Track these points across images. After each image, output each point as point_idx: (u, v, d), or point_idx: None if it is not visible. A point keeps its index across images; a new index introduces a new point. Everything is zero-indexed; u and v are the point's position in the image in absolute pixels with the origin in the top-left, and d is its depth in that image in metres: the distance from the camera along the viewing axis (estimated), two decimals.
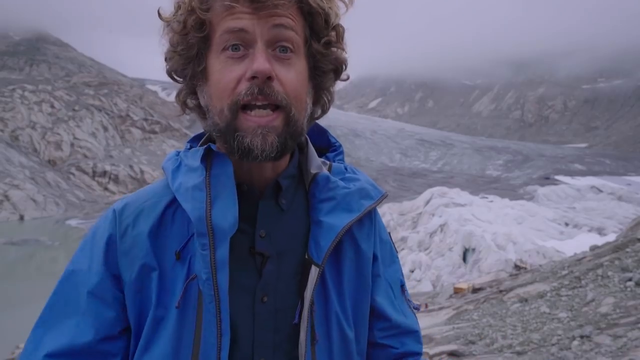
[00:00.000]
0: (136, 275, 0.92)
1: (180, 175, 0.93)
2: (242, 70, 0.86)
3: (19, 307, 30.49)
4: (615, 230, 38.49)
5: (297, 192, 1.01)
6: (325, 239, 0.96)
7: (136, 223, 0.94)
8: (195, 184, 0.90)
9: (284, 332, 0.95)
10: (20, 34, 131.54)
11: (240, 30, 0.86)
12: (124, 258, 0.93)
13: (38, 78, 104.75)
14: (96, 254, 0.94)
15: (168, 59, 0.94)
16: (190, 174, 0.92)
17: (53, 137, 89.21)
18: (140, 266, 0.92)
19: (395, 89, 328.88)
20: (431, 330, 13.90)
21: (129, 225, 0.94)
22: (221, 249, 0.87)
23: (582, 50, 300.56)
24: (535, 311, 11.78)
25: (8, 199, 69.60)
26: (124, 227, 0.94)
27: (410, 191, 78.50)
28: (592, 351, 8.35)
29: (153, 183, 1.02)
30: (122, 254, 0.93)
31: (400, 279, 1.13)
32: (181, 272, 0.91)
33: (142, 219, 0.94)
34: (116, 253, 0.93)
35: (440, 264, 40.15)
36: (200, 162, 0.91)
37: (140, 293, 0.92)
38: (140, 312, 0.93)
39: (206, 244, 0.87)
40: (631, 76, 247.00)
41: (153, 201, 0.96)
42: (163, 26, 0.92)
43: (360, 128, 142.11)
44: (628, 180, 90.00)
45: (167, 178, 0.97)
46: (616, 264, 12.28)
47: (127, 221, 0.95)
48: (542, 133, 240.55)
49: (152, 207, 0.95)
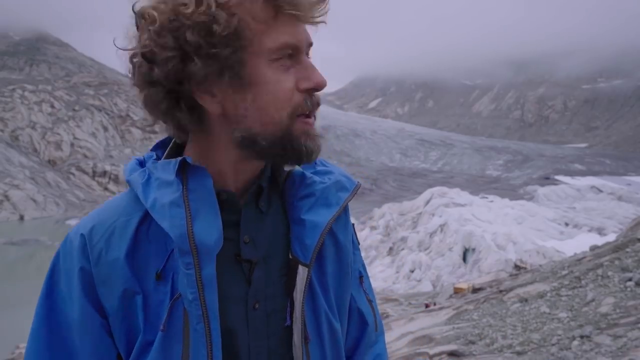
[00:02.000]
0: (118, 303, 0.86)
1: (153, 190, 0.86)
2: (294, 80, 0.85)
3: (19, 307, 30.49)
4: (615, 230, 38.50)
5: (272, 192, 0.98)
6: (310, 237, 0.94)
7: (109, 247, 0.87)
8: (172, 199, 0.85)
9: (276, 336, 0.93)
10: (20, 34, 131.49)
11: (299, 41, 0.85)
12: (102, 287, 0.86)
13: (38, 78, 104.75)
14: (72, 289, 0.87)
15: (167, 60, 0.82)
16: (165, 189, 0.86)
17: (53, 137, 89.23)
18: (121, 293, 0.86)
19: (395, 89, 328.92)
20: (431, 330, 13.90)
21: (102, 250, 0.87)
22: (207, 267, 0.85)
23: (582, 50, 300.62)
24: (535, 311, 11.78)
25: (8, 199, 69.62)
26: (97, 254, 0.86)
27: (410, 191, 78.55)
28: (592, 351, 8.36)
29: (114, 198, 0.94)
30: (100, 283, 0.86)
31: (360, 269, 1.11)
32: (165, 292, 0.86)
33: (115, 242, 0.87)
34: (93, 283, 0.86)
35: (440, 264, 40.16)
36: (176, 175, 0.86)
37: (126, 320, 0.87)
38: (128, 340, 0.88)
39: (190, 263, 0.83)
40: (631, 76, 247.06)
41: (123, 220, 0.88)
42: (164, 18, 0.81)
43: (360, 128, 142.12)
44: (628, 180, 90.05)
45: (135, 192, 0.89)
46: (616, 264, 12.28)
47: (98, 246, 0.87)
48: (542, 133, 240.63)
49: (124, 227, 0.88)
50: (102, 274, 0.86)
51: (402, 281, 40.21)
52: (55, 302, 0.89)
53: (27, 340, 0.91)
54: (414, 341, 13.50)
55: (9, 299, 34.11)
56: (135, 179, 0.89)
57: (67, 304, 0.88)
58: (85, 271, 0.86)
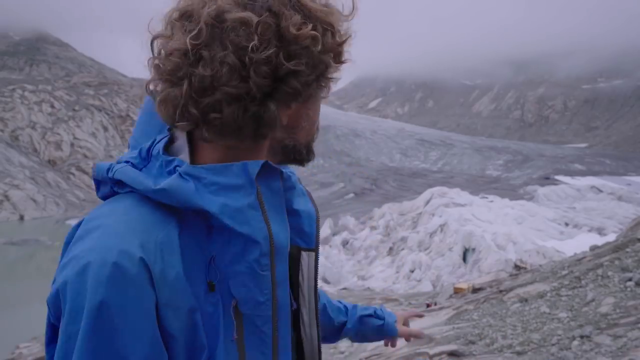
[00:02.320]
0: (184, 325, 0.82)
1: (210, 196, 0.83)
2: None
3: (19, 307, 30.51)
4: (615, 230, 38.50)
5: None
6: (308, 225, 1.03)
7: (167, 265, 0.81)
8: (248, 202, 0.85)
9: (288, 323, 0.98)
10: (20, 34, 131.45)
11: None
12: (168, 311, 0.80)
13: (38, 78, 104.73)
14: (137, 324, 0.76)
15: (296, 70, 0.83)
16: (232, 193, 0.85)
17: (53, 137, 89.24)
18: (187, 313, 0.82)
19: (395, 89, 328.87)
20: (431, 330, 13.91)
21: (163, 270, 0.80)
22: (281, 265, 0.88)
23: (582, 50, 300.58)
24: (535, 311, 11.78)
25: (8, 199, 69.61)
26: (159, 275, 0.79)
27: (410, 191, 78.51)
28: (592, 351, 8.36)
29: (118, 212, 0.84)
30: (166, 307, 0.80)
31: None
32: (214, 301, 0.85)
33: (168, 259, 0.81)
34: (159, 310, 0.79)
35: (440, 264, 40.17)
36: (249, 178, 0.86)
37: (189, 341, 0.83)
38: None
39: (267, 265, 0.85)
40: (631, 76, 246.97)
41: (162, 233, 0.82)
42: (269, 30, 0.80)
43: (360, 128, 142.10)
44: (628, 180, 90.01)
45: (182, 199, 0.83)
46: (616, 264, 12.28)
47: (158, 267, 0.79)
48: (542, 133, 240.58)
49: (168, 241, 0.82)
50: (166, 297, 0.80)
51: (402, 281, 40.22)
52: (109, 349, 0.75)
53: None
54: (414, 341, 13.51)
55: (9, 299, 34.10)
56: (180, 187, 0.83)
57: (128, 346, 0.75)
58: (151, 298, 0.78)
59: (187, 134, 0.88)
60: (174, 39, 0.82)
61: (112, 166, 0.88)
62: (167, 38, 0.84)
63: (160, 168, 0.86)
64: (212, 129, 0.83)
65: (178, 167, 0.85)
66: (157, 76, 0.85)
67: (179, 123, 0.84)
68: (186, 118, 0.83)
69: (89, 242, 0.78)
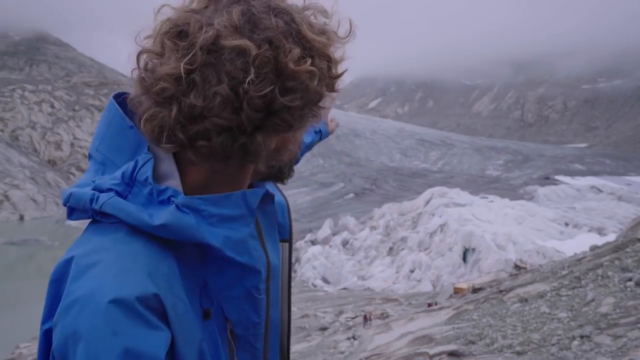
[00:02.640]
0: (197, 357, 0.79)
1: (210, 228, 0.80)
2: None
3: (19, 307, 30.51)
4: (615, 230, 38.51)
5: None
6: (282, 216, 1.03)
7: (176, 298, 0.77)
8: (248, 233, 0.83)
9: (277, 335, 1.01)
10: (20, 34, 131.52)
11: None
12: (182, 346, 0.76)
13: (38, 78, 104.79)
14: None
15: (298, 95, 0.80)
16: (231, 223, 0.82)
17: (53, 137, 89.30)
18: (198, 344, 0.80)
19: (395, 89, 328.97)
20: (431, 330, 13.91)
21: (174, 304, 0.76)
22: (274, 285, 0.89)
23: (582, 50, 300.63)
24: (535, 311, 11.79)
25: (8, 199, 69.66)
26: (171, 310, 0.75)
27: (410, 191, 78.51)
28: (592, 351, 8.36)
29: (110, 240, 0.78)
30: (180, 342, 0.76)
31: None
32: (211, 326, 0.83)
33: (176, 290, 0.78)
34: (176, 346, 0.75)
35: (440, 264, 40.17)
36: (248, 207, 0.84)
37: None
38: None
39: (264, 289, 0.85)
40: (631, 76, 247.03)
41: (166, 263, 0.78)
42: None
43: (360, 128, 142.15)
44: (628, 180, 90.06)
45: (184, 235, 0.79)
46: (616, 264, 12.29)
47: (170, 302, 0.75)
48: (542, 133, 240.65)
49: (172, 271, 0.79)
50: (181, 333, 0.76)
51: (402, 281, 40.21)
52: None
53: None
54: (414, 341, 13.51)
55: (9, 299, 34.12)
56: (177, 222, 0.78)
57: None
58: (169, 336, 0.74)
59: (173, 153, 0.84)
60: (165, 60, 0.77)
61: (96, 196, 0.79)
62: (156, 55, 0.78)
63: (150, 196, 0.80)
64: (199, 155, 0.80)
65: (173, 197, 0.80)
66: (142, 91, 0.80)
67: (165, 145, 0.80)
68: (172, 141, 0.79)
69: (93, 280, 0.71)
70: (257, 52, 0.74)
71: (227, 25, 0.76)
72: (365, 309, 23.79)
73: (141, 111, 0.80)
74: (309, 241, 49.75)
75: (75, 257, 0.75)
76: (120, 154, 0.84)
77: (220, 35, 0.75)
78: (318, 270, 41.72)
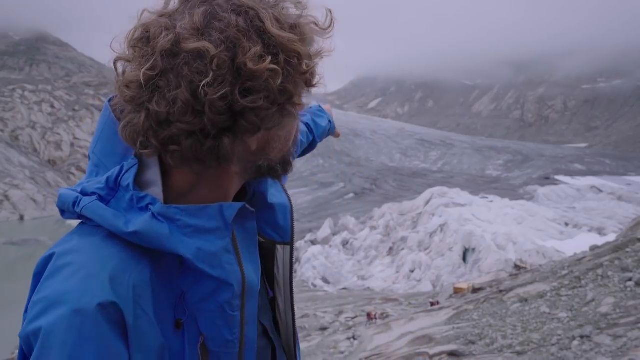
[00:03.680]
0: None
1: (184, 239, 0.80)
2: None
3: (19, 307, 30.45)
4: (615, 230, 38.51)
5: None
6: (283, 219, 1.00)
7: (138, 309, 0.76)
8: (223, 246, 0.82)
9: (269, 313, 1.02)
10: (20, 34, 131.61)
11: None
12: (137, 355, 0.76)
13: (38, 78, 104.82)
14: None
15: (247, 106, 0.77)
16: (206, 235, 0.81)
17: (53, 137, 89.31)
18: (156, 352, 0.78)
19: (395, 89, 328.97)
20: (431, 330, 13.91)
21: (135, 315, 0.76)
22: (250, 303, 0.85)
23: (582, 50, 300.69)
24: (535, 311, 11.79)
25: (8, 199, 69.67)
26: (131, 321, 0.75)
27: (410, 191, 78.56)
28: (592, 351, 8.36)
29: (86, 242, 0.79)
30: (135, 351, 0.76)
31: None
32: (180, 339, 0.82)
33: (141, 301, 0.77)
34: (131, 356, 0.75)
35: (440, 264, 40.17)
36: (229, 222, 0.83)
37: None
38: None
39: (238, 305, 0.83)
40: (631, 76, 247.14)
41: (137, 271, 0.78)
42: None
43: (360, 128, 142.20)
44: (628, 180, 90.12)
45: (155, 243, 0.79)
46: (616, 264, 12.29)
47: (131, 312, 0.75)
48: (542, 133, 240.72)
49: (142, 280, 0.78)
50: (137, 343, 0.76)
51: (402, 281, 40.22)
52: None
53: None
54: (414, 341, 13.51)
55: (9, 299, 34.09)
56: (149, 230, 0.79)
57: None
58: (124, 346, 0.74)
59: (158, 157, 0.84)
60: (131, 66, 0.78)
61: (79, 199, 0.82)
62: (127, 61, 0.79)
63: (131, 202, 0.81)
64: (175, 159, 0.80)
65: (151, 205, 0.80)
66: (122, 98, 0.80)
67: (142, 151, 0.81)
68: (147, 147, 0.80)
69: (61, 283, 0.73)
70: (214, 52, 0.73)
71: (188, 27, 0.75)
72: (365, 309, 23.80)
73: (122, 117, 0.81)
74: (309, 241, 49.75)
75: (55, 254, 0.78)
76: (111, 157, 0.86)
77: (180, 38, 0.74)
78: (318, 270, 41.71)
